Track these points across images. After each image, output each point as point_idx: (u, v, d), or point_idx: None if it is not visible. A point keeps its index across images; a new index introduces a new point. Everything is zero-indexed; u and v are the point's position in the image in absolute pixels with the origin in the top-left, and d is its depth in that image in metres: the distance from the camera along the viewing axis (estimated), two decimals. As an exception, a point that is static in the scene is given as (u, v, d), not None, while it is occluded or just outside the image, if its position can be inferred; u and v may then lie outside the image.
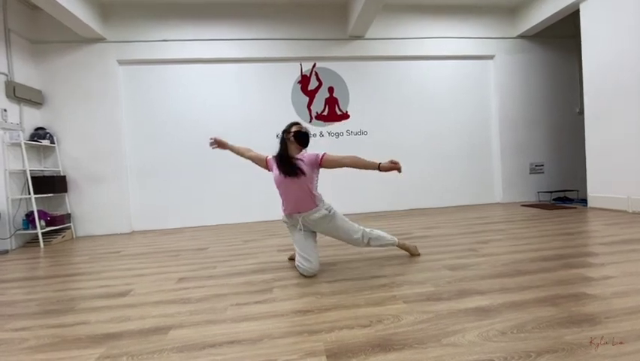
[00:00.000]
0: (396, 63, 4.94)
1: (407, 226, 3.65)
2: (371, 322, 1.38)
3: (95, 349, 1.29)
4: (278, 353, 1.18)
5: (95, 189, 4.35)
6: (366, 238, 2.21)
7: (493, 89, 5.17)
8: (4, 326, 1.57)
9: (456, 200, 5.09)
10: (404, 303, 1.55)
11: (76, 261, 2.94)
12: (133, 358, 1.21)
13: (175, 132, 4.58)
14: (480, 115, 5.19)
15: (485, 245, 2.57)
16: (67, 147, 4.32)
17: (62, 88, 4.30)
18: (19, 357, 1.27)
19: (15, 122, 3.89)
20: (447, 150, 5.10)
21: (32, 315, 1.70)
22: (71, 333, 1.45)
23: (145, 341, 1.34)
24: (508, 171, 5.16)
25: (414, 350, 1.15)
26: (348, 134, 4.88)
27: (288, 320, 1.45)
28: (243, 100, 4.67)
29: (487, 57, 5.14)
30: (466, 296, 1.60)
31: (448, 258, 2.27)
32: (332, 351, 1.17)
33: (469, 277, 1.86)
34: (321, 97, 4.81)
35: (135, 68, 4.49)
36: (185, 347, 1.27)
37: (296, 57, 4.69)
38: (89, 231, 4.36)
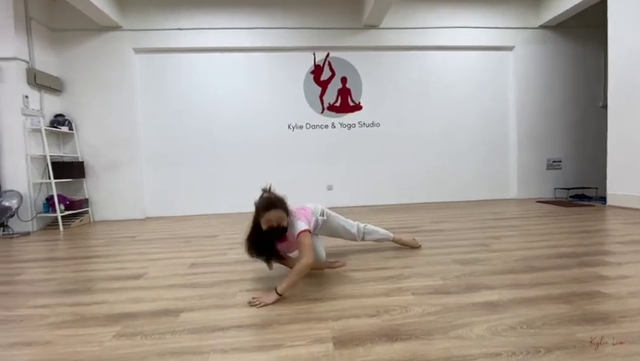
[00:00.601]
0: (411, 54, 4.84)
1: (417, 219, 3.62)
2: (378, 312, 1.39)
3: (111, 327, 1.34)
4: (285, 339, 1.20)
5: (111, 176, 4.47)
6: (360, 232, 2.22)
7: (512, 81, 5.02)
8: (26, 303, 1.65)
9: (468, 195, 5.01)
10: (412, 295, 1.55)
11: (93, 244, 3.05)
12: (146, 337, 1.25)
13: (188, 121, 4.63)
14: (497, 108, 5.06)
15: (497, 241, 2.53)
16: (85, 134, 4.44)
17: (80, 75, 4.39)
18: (40, 333, 1.33)
19: (36, 109, 4.00)
20: (461, 144, 5.00)
21: (52, 293, 1.77)
22: (89, 312, 1.51)
23: (157, 321, 1.39)
24: (525, 166, 5.03)
25: (420, 340, 1.16)
26: (360, 126, 4.84)
27: (296, 307, 1.47)
28: (255, 90, 4.68)
29: (507, 48, 4.97)
30: (475, 291, 1.58)
31: (458, 252, 2.25)
32: (338, 339, 1.19)
33: (479, 272, 1.84)
34: (333, 87, 4.76)
35: (150, 56, 4.54)
36: (195, 330, 1.30)
37: (309, 46, 4.65)
38: (105, 216, 4.50)
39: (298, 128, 4.77)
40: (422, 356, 1.06)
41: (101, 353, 1.15)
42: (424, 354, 1.07)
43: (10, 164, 3.81)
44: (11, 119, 3.79)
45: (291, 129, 4.76)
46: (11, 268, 2.33)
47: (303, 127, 4.77)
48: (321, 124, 4.79)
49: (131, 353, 1.15)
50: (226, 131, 4.67)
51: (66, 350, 1.18)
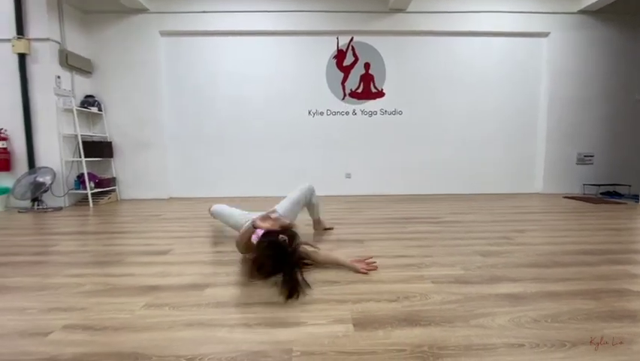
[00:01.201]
0: (438, 39, 4.67)
1: (436, 209, 3.57)
2: (398, 297, 1.40)
3: (141, 298, 1.42)
4: (307, 317, 1.24)
5: (137, 156, 4.62)
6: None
7: (544, 70, 4.77)
8: (63, 272, 1.76)
9: (491, 187, 4.88)
10: (432, 283, 1.55)
11: (121, 221, 3.18)
12: (174, 308, 1.32)
13: (212, 104, 4.68)
14: (526, 98, 4.84)
15: (520, 234, 2.47)
16: (113, 115, 4.58)
17: (109, 57, 4.50)
18: (77, 299, 1.42)
19: (67, 89, 4.15)
20: (486, 134, 4.84)
21: (85, 265, 1.88)
22: (120, 283, 1.60)
23: (184, 295, 1.45)
24: (553, 159, 4.83)
25: (440, 327, 1.16)
26: (382, 114, 4.76)
27: (316, 289, 1.50)
28: (278, 74, 4.66)
29: (541, 34, 4.71)
30: (497, 282, 1.56)
31: (479, 244, 2.21)
32: (358, 320, 1.21)
33: (502, 264, 1.81)
34: (356, 73, 4.68)
35: (176, 39, 4.59)
36: (220, 304, 1.36)
37: (333, 30, 4.56)
38: (131, 195, 4.67)
39: (319, 115, 4.74)
40: (442, 341, 1.07)
41: (132, 321, 1.22)
42: (444, 340, 1.08)
43: (43, 142, 3.99)
44: (45, 99, 3.95)
45: (311, 115, 4.74)
46: (47, 240, 2.48)
47: (323, 113, 4.74)
48: (342, 111, 4.74)
49: (159, 322, 1.21)
50: (248, 115, 4.70)
51: (100, 316, 1.26)
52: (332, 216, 3.22)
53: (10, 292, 1.50)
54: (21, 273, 1.74)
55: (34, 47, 3.88)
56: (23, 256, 2.04)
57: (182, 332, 1.14)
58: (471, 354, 1.01)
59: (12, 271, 1.76)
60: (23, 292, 1.49)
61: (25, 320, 1.24)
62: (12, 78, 3.88)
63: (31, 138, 3.94)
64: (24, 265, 1.86)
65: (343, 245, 2.21)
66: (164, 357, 1.00)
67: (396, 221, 2.96)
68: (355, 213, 3.39)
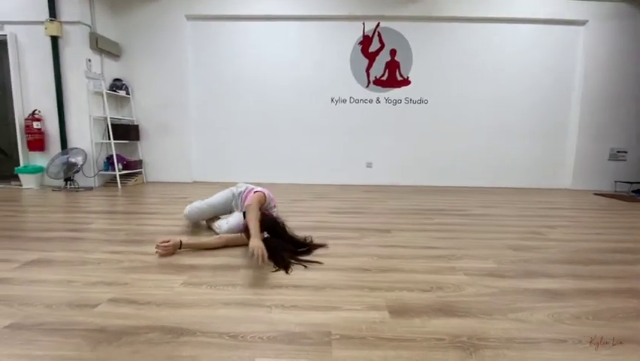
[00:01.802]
0: (468, 26, 4.49)
1: (462, 202, 3.50)
2: (431, 288, 1.39)
3: (178, 276, 1.46)
4: (341, 302, 1.25)
5: (162, 140, 4.71)
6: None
7: (580, 60, 4.53)
8: (101, 249, 1.83)
9: (517, 181, 4.74)
10: (465, 275, 1.53)
11: (149, 202, 3.28)
12: (211, 287, 1.35)
13: (236, 88, 4.70)
14: (559, 89, 4.63)
15: (552, 230, 2.40)
16: (140, 98, 4.67)
17: (136, 41, 4.56)
18: (118, 274, 1.48)
19: (97, 72, 4.24)
20: (513, 126, 4.67)
21: (122, 242, 1.95)
22: (156, 261, 1.65)
23: (218, 274, 1.49)
24: (583, 154, 4.63)
25: (478, 319, 1.15)
26: (407, 102, 4.66)
27: (348, 275, 1.51)
28: (302, 60, 4.61)
29: (578, 22, 4.46)
30: (532, 277, 1.53)
31: (510, 238, 2.17)
32: (393, 308, 1.21)
33: (536, 260, 1.77)
34: (381, 60, 4.57)
35: (201, 23, 4.59)
36: (255, 285, 1.39)
37: (359, 15, 4.45)
38: (156, 177, 4.79)
39: (341, 102, 4.69)
40: (481, 333, 1.06)
41: (172, 297, 1.27)
42: (483, 332, 1.07)
43: (75, 123, 4.12)
44: (76, 82, 4.05)
45: (334, 103, 4.69)
46: (83, 218, 2.58)
47: (346, 101, 4.68)
48: (366, 98, 4.66)
49: (198, 300, 1.25)
50: (272, 101, 4.69)
51: (142, 292, 1.31)
52: (354, 205, 3.23)
53: (54, 266, 1.57)
54: (62, 248, 1.82)
55: (65, 29, 3.97)
56: (62, 232, 2.14)
57: (221, 310, 1.18)
58: (513, 347, 0.99)
59: (54, 246, 1.85)
60: (67, 266, 1.56)
61: (72, 291, 1.31)
62: (45, 61, 4.00)
63: (64, 120, 4.07)
64: (64, 241, 1.95)
65: (368, 234, 2.20)
66: (207, 333, 1.03)
67: (422, 212, 2.92)
68: (378, 203, 3.37)
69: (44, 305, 1.19)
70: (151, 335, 1.02)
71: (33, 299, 1.23)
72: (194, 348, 0.96)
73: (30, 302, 1.21)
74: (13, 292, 1.29)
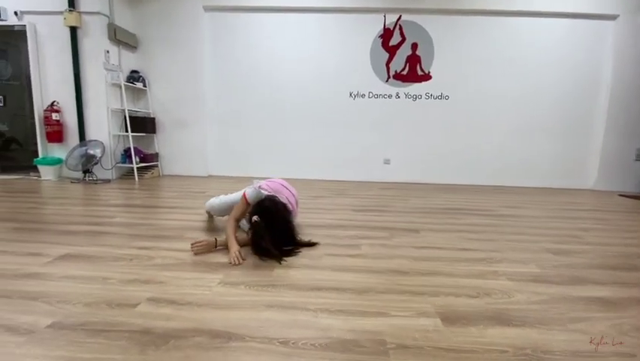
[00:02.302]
0: (493, 19, 4.35)
1: (486, 201, 3.42)
2: (478, 293, 1.33)
3: (213, 274, 1.42)
4: (387, 307, 1.19)
5: (178, 133, 4.69)
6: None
7: (608, 57, 4.37)
8: (130, 244, 1.80)
9: (539, 180, 4.62)
10: (509, 280, 1.47)
11: (169, 196, 3.25)
12: (249, 287, 1.31)
13: (254, 82, 4.64)
14: (584, 86, 4.48)
15: (587, 233, 2.31)
16: (156, 91, 4.63)
17: (153, 32, 4.52)
18: (152, 272, 1.44)
19: (115, 64, 4.21)
20: (537, 124, 4.55)
21: (149, 238, 1.91)
22: (188, 258, 1.61)
23: (254, 274, 1.44)
24: (609, 154, 4.50)
25: (537, 329, 1.09)
26: (427, 98, 4.55)
27: (386, 278, 1.45)
28: (321, 53, 4.53)
29: (608, 17, 4.29)
30: (580, 284, 1.46)
31: (545, 241, 2.09)
32: (445, 315, 1.15)
33: (579, 265, 1.69)
34: (402, 54, 4.47)
35: (218, 14, 4.53)
36: (294, 286, 1.34)
37: (380, 7, 4.34)
38: (171, 171, 4.78)
39: (360, 97, 4.60)
40: (544, 346, 1.00)
41: (212, 297, 1.23)
42: (546, 344, 1.01)
43: (93, 115, 4.11)
44: (94, 73, 4.03)
45: (352, 97, 4.61)
46: (105, 211, 2.56)
47: (365, 96, 4.59)
48: (385, 93, 4.57)
49: (239, 301, 1.20)
50: (289, 94, 4.63)
51: (180, 291, 1.27)
52: (376, 203, 3.17)
53: (86, 261, 1.54)
54: (90, 242, 1.80)
55: (84, 20, 3.94)
56: (88, 226, 2.12)
57: (265, 312, 1.13)
58: (582, 362, 0.93)
59: (82, 240, 1.83)
60: (99, 262, 1.53)
61: (110, 289, 1.27)
62: (64, 51, 3.98)
63: (82, 111, 4.06)
64: (91, 235, 1.93)
65: (397, 234, 2.14)
66: (257, 338, 0.99)
67: (447, 212, 2.85)
68: (399, 201, 3.30)
69: (83, 304, 1.15)
70: (198, 338, 0.98)
71: (71, 297, 1.20)
72: (247, 355, 0.91)
73: (68, 300, 1.18)
74: (49, 288, 1.27)
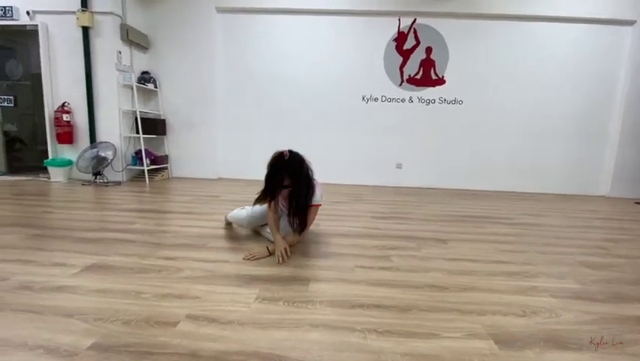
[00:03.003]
0: (508, 24, 4.31)
1: (505, 209, 3.37)
2: (525, 312, 1.28)
3: (248, 289, 1.38)
4: (437, 328, 1.15)
5: (188, 135, 4.64)
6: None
7: (626, 62, 4.33)
8: (155, 253, 1.75)
9: (553, 187, 4.58)
10: (552, 297, 1.42)
11: (183, 200, 3.20)
12: (289, 304, 1.26)
13: (265, 84, 4.59)
14: (600, 93, 4.44)
15: (616, 245, 2.27)
16: (167, 92, 4.59)
17: (164, 33, 4.47)
18: (184, 285, 1.39)
19: (127, 65, 4.17)
20: (551, 130, 4.51)
21: (173, 246, 1.87)
22: (218, 269, 1.57)
23: (290, 289, 1.40)
24: (624, 160, 4.45)
25: (596, 354, 1.04)
26: (440, 102, 4.51)
27: (426, 294, 1.41)
28: (334, 56, 4.48)
29: (626, 22, 4.25)
30: (626, 302, 1.41)
31: (576, 253, 2.04)
32: (498, 337, 1.11)
33: (618, 280, 1.65)
34: (416, 58, 4.43)
35: (232, 16, 4.48)
36: (334, 303, 1.29)
37: (395, 11, 4.30)
38: (181, 173, 4.73)
39: (373, 101, 4.56)
40: (609, 372, 0.96)
41: (252, 315, 1.18)
42: (610, 371, 0.96)
43: (104, 117, 4.06)
44: (106, 74, 3.99)
45: (365, 101, 4.56)
46: (123, 217, 2.51)
47: (378, 99, 4.55)
48: (398, 97, 4.53)
49: (281, 319, 1.16)
50: (301, 97, 4.58)
51: (218, 308, 1.22)
52: (394, 210, 3.12)
53: (115, 273, 1.49)
54: (116, 251, 1.75)
55: (97, 20, 3.89)
56: (109, 233, 2.07)
57: (312, 333, 1.08)
58: (656, 393, 0.89)
59: (107, 249, 1.78)
60: (128, 274, 1.49)
61: (145, 305, 1.22)
62: (76, 52, 3.93)
63: (93, 112, 4.02)
64: (114, 243, 1.88)
65: (424, 244, 2.10)
66: (309, 363, 0.94)
67: (469, 220, 2.81)
68: (417, 207, 3.26)
69: (122, 321, 1.11)
70: (250, 363, 0.93)
71: (107, 313, 1.15)
72: (305, 383, 0.87)
73: (105, 317, 1.13)
74: (82, 303, 1.22)
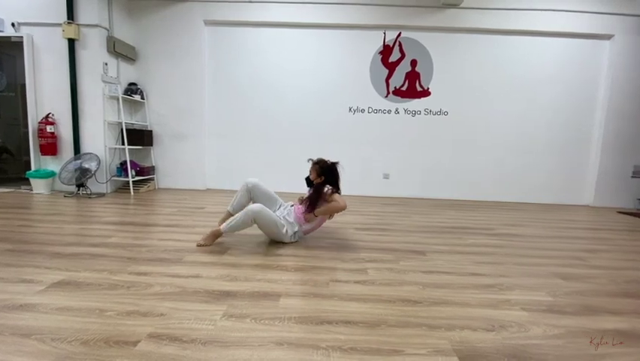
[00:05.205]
0: (491, 38, 4.42)
1: (489, 219, 3.40)
2: (493, 326, 1.28)
3: (216, 305, 1.36)
4: (403, 344, 1.14)
5: (175, 145, 4.62)
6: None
7: (605, 75, 4.45)
8: (127, 268, 1.72)
9: (537, 196, 4.64)
10: (523, 310, 1.42)
11: (166, 212, 3.17)
12: (256, 321, 1.25)
13: (253, 96, 4.62)
14: (581, 104, 4.54)
15: (594, 255, 2.29)
16: (154, 103, 4.58)
17: (152, 45, 4.49)
18: (151, 302, 1.37)
19: (113, 76, 4.17)
20: (535, 141, 4.58)
21: (147, 261, 1.84)
22: (188, 285, 1.54)
23: (260, 305, 1.38)
24: (606, 171, 4.53)
25: (559, 369, 1.04)
26: (426, 113, 4.57)
27: (398, 309, 1.40)
28: (321, 68, 4.53)
29: (604, 37, 4.39)
30: (595, 314, 1.42)
31: (552, 264, 2.06)
32: (463, 353, 1.10)
33: (590, 292, 1.66)
34: (402, 70, 4.50)
35: (219, 29, 4.53)
36: (302, 319, 1.28)
37: (380, 24, 4.38)
38: (168, 184, 4.70)
39: (359, 112, 4.60)
40: (570, 389, 0.95)
41: (217, 333, 1.16)
42: (571, 387, 0.96)
43: (89, 128, 4.03)
44: (92, 86, 3.97)
45: (351, 112, 4.61)
46: (101, 230, 2.47)
47: (364, 111, 4.60)
48: (384, 109, 4.58)
49: (247, 337, 1.14)
50: (289, 109, 4.61)
51: (182, 326, 1.20)
52: (378, 221, 3.12)
53: (81, 289, 1.46)
54: (86, 267, 1.72)
55: (83, 32, 3.90)
56: (83, 247, 2.03)
57: (275, 351, 1.07)
58: (614, 410, 0.88)
59: (78, 264, 1.74)
60: (95, 290, 1.46)
61: (107, 323, 1.20)
62: (61, 63, 3.92)
63: (78, 124, 3.99)
64: (87, 258, 1.84)
65: (403, 256, 2.10)
66: (267, 384, 0.92)
67: (451, 231, 2.82)
68: (402, 219, 3.26)
69: (80, 342, 1.08)
70: (205, 385, 0.91)
71: (66, 333, 1.12)
72: (259, 405, 0.85)
73: (64, 336, 1.10)
74: (42, 322, 1.19)
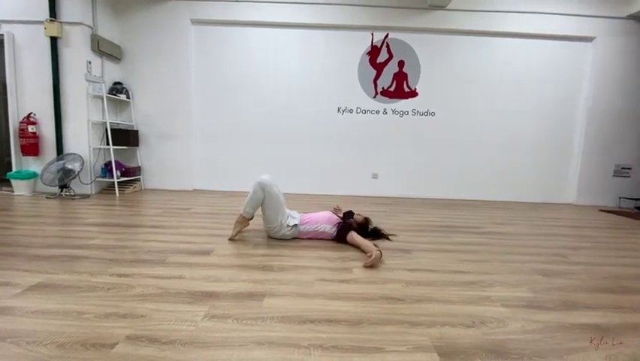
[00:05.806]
0: (477, 39, 4.48)
1: (474, 218, 3.45)
2: (473, 322, 1.30)
3: (198, 306, 1.34)
4: (384, 342, 1.15)
5: (162, 146, 4.56)
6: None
7: (587, 76, 4.56)
8: (108, 270, 1.69)
9: (522, 195, 4.72)
10: (503, 307, 1.45)
11: (152, 213, 3.12)
12: (238, 321, 1.24)
13: (240, 96, 4.59)
14: (565, 105, 4.64)
15: (575, 252, 2.34)
16: (140, 103, 4.52)
17: (138, 44, 4.43)
18: (131, 304, 1.35)
19: (97, 75, 4.09)
20: (520, 141, 4.67)
21: (130, 263, 1.81)
22: (171, 286, 1.53)
23: (243, 305, 1.37)
24: (588, 170, 4.64)
25: (535, 364, 1.06)
26: (413, 114, 4.61)
27: (381, 306, 1.41)
28: (309, 69, 4.53)
29: (586, 39, 4.50)
30: (573, 309, 1.45)
31: (535, 261, 2.10)
32: (442, 349, 1.11)
33: (570, 287, 1.70)
34: (389, 71, 4.53)
35: (207, 28, 4.49)
36: (285, 318, 1.28)
37: (368, 25, 4.41)
38: (155, 185, 4.63)
39: (348, 112, 4.62)
40: (544, 382, 0.97)
41: (197, 334, 1.15)
42: (546, 380, 0.98)
43: (72, 128, 3.95)
44: (75, 85, 3.89)
45: (340, 113, 4.62)
46: (83, 232, 2.42)
47: (353, 111, 4.61)
48: (373, 109, 4.60)
49: (227, 338, 1.13)
50: (277, 109, 4.60)
51: (162, 327, 1.19)
52: (366, 220, 3.13)
53: (60, 292, 1.43)
54: (66, 269, 1.68)
55: (66, 30, 3.82)
56: (64, 249, 1.99)
57: (256, 351, 1.06)
58: (585, 402, 0.91)
59: (57, 267, 1.71)
60: (74, 293, 1.43)
61: (85, 326, 1.18)
62: (43, 62, 3.84)
63: (60, 124, 3.90)
64: (67, 260, 1.81)
65: (388, 255, 2.11)
66: (246, 383, 0.92)
67: (438, 230, 2.85)
68: (390, 218, 3.28)
69: (56, 345, 1.06)
70: (183, 386, 0.90)
71: (42, 336, 1.10)
72: (236, 405, 0.84)
73: (40, 340, 1.08)
74: (18, 325, 1.16)
